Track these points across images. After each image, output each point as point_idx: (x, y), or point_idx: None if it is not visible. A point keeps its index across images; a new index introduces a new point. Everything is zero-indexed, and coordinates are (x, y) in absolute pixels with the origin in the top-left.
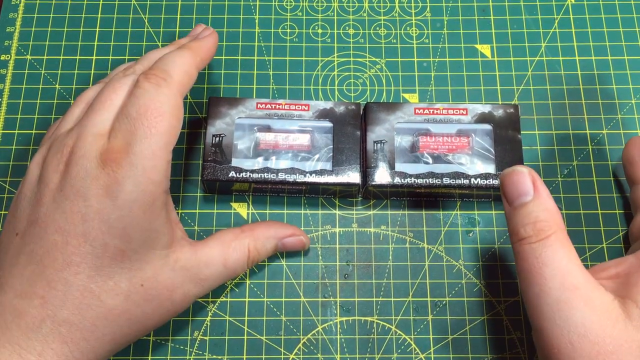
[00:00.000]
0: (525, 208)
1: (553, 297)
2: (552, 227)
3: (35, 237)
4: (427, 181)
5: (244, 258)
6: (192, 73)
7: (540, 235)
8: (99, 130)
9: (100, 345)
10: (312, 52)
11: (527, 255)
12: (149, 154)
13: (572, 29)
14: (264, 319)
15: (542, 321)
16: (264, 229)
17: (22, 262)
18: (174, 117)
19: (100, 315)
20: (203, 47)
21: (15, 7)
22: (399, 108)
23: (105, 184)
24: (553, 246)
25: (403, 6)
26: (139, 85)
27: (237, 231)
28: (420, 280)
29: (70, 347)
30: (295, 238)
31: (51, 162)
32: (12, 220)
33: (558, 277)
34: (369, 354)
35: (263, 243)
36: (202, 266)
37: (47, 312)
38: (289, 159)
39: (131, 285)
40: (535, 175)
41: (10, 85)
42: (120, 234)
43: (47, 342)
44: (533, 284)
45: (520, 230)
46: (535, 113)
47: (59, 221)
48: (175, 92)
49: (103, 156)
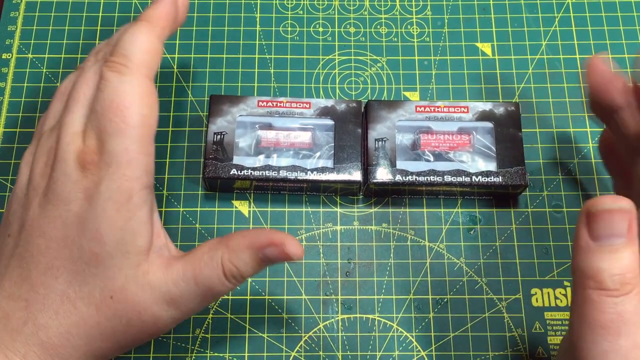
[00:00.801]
0: (615, 253)
1: (621, 355)
2: (637, 278)
3: (23, 240)
4: (428, 179)
5: (218, 273)
6: (155, 49)
7: (626, 289)
8: (75, 129)
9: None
10: (313, 51)
11: (606, 309)
12: (122, 150)
13: (573, 27)
14: (265, 317)
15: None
16: (238, 238)
17: (12, 264)
18: (143, 106)
19: (75, 323)
20: (160, 13)
21: (16, 5)
22: (400, 106)
23: (85, 187)
24: (635, 301)
25: (404, 4)
26: (102, 76)
27: (214, 242)
28: (422, 278)
29: (50, 351)
30: (276, 249)
31: (37, 165)
32: (6, 222)
33: (632, 335)
34: (370, 352)
35: (238, 255)
36: (170, 285)
37: (29, 315)
38: (290, 156)
39: (102, 295)
40: (635, 213)
41: (11, 83)
42: (95, 236)
43: (29, 344)
44: (605, 340)
45: (607, 281)
46: (536, 111)
47: (43, 226)
48: (140, 76)
49: (80, 158)
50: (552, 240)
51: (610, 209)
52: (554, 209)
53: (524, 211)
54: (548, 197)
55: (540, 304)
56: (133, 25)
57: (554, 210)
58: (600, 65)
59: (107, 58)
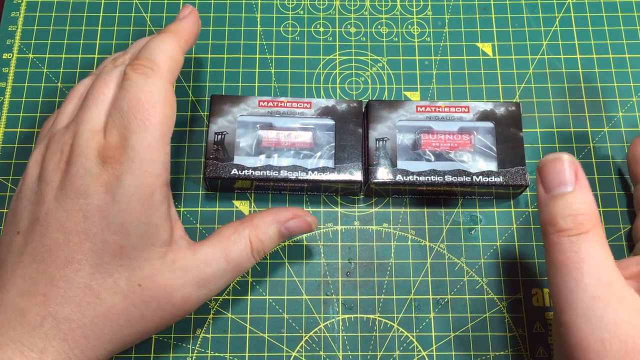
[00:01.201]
0: (565, 198)
1: (588, 293)
2: (592, 221)
3: (37, 235)
4: (429, 179)
5: (247, 249)
6: (178, 57)
7: (581, 229)
8: (95, 126)
9: (100, 344)
10: (314, 51)
11: (564, 248)
12: (145, 146)
13: (573, 27)
14: (266, 317)
15: (573, 317)
16: (263, 216)
17: (25, 260)
18: (166, 107)
19: (99, 313)
20: (185, 28)
21: (17, 5)
22: (400, 106)
23: (106, 181)
24: (592, 241)
25: (404, 4)
26: (127, 77)
27: (237, 223)
28: (422, 278)
29: (71, 344)
30: (299, 220)
31: (51, 161)
32: (12, 220)
33: (595, 272)
34: (371, 352)
35: (264, 230)
36: (202, 266)
37: (48, 309)
38: (291, 156)
39: (129, 284)
40: (578, 165)
41: (12, 83)
42: (119, 229)
43: (48, 339)
44: (569, 278)
45: (560, 222)
46: (536, 111)
47: (61, 219)
48: (165, 80)
49: (101, 153)
50: None
51: (552, 159)
52: None
53: (525, 211)
54: None
55: (540, 304)
56: (159, 35)
57: None
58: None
59: (133, 62)
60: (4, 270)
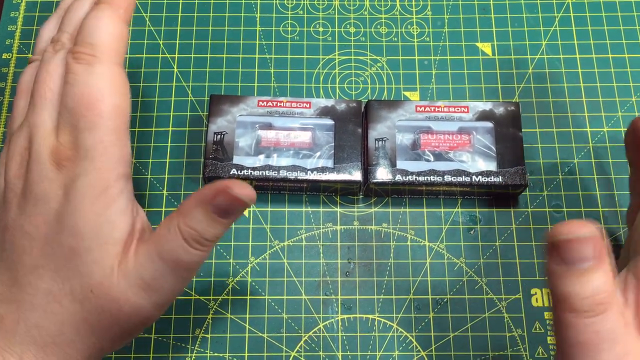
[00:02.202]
0: (583, 276)
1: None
2: (611, 295)
3: (7, 242)
4: (428, 179)
5: (179, 241)
6: (120, 32)
7: (600, 310)
8: (47, 127)
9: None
10: (313, 50)
11: (582, 330)
12: (97, 143)
13: (573, 27)
14: (265, 317)
15: None
16: (187, 200)
17: (1, 268)
18: (116, 96)
19: (64, 320)
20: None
21: (16, 5)
22: (400, 106)
23: (63, 184)
24: (612, 318)
25: (404, 4)
26: (69, 69)
27: (169, 216)
28: (422, 278)
29: (45, 350)
30: (224, 195)
31: (12, 167)
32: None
33: (613, 349)
34: (370, 352)
35: (191, 216)
36: (139, 269)
37: (21, 315)
38: (290, 156)
39: (83, 290)
40: (599, 236)
41: (11, 83)
42: (73, 232)
43: (23, 344)
44: (586, 357)
45: (578, 302)
46: (536, 111)
47: (24, 226)
48: (110, 65)
49: (55, 156)
50: None
51: (568, 239)
52: (554, 208)
53: (524, 211)
54: (548, 197)
55: (540, 304)
56: (94, 9)
57: (554, 210)
58: None
59: (73, 49)
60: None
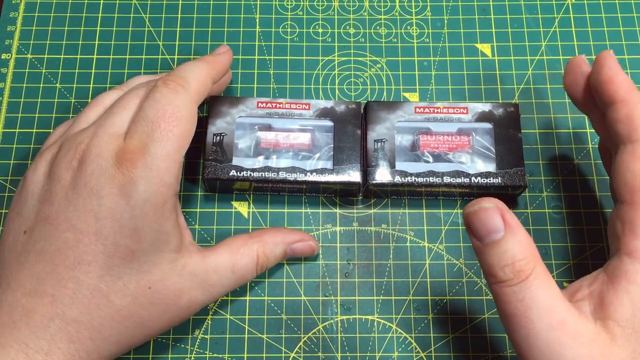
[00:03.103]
0: (498, 246)
1: (542, 339)
2: (530, 263)
3: (46, 234)
4: (427, 180)
5: (253, 264)
6: (207, 83)
7: (521, 277)
8: (116, 130)
9: (106, 346)
10: (313, 52)
11: (509, 299)
12: (164, 155)
13: (573, 28)
14: (264, 318)
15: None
16: (272, 235)
17: (32, 260)
18: (189, 122)
19: (107, 315)
20: (219, 61)
21: (16, 6)
22: (399, 107)
23: (120, 184)
24: (534, 285)
25: (403, 5)
26: (157, 89)
27: (246, 237)
28: (421, 279)
29: (77, 346)
30: (304, 243)
31: (63, 160)
32: (17, 218)
33: (544, 317)
34: (369, 353)
35: (272, 249)
36: (210, 272)
37: (56, 310)
38: (289, 157)
39: (139, 287)
40: (504, 207)
41: (10, 84)
42: (131, 234)
43: (54, 341)
44: (519, 327)
45: (499, 273)
46: (535, 112)
47: (72, 219)
48: (192, 98)
49: (119, 156)
50: (552, 241)
51: (474, 210)
52: (553, 210)
53: (524, 212)
54: (547, 198)
55: None
56: (195, 61)
57: (554, 211)
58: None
59: (165, 78)
60: (8, 269)
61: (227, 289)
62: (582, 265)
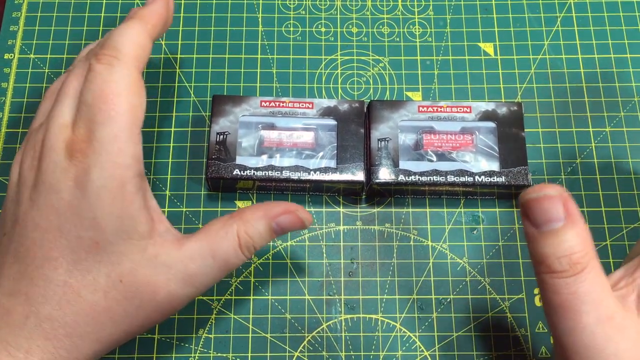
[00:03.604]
0: (556, 236)
1: (588, 332)
2: (587, 256)
3: (17, 236)
4: (431, 179)
5: (235, 245)
6: (145, 44)
7: (577, 269)
8: (64, 120)
9: (85, 343)
10: (316, 51)
11: (560, 290)
12: (112, 137)
13: (575, 27)
14: (268, 317)
15: (573, 354)
16: (253, 210)
17: (9, 261)
18: (133, 95)
19: (80, 311)
20: (153, 11)
21: (18, 6)
22: (402, 106)
23: (75, 175)
24: (589, 279)
25: (406, 5)
26: (91, 68)
27: (225, 218)
28: (425, 278)
29: (55, 344)
30: (291, 215)
31: (26, 160)
32: (0, 222)
33: (593, 311)
34: (373, 352)
35: (254, 226)
36: (186, 261)
37: (30, 308)
38: (293, 156)
39: (109, 280)
40: (567, 196)
41: (13, 84)
42: (92, 225)
43: (32, 338)
44: (567, 319)
45: (553, 263)
46: (538, 111)
47: (36, 218)
48: (130, 67)
49: (69, 147)
50: None
51: (537, 197)
52: None
53: None
54: None
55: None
56: (125, 22)
57: None
58: None
59: (97, 51)
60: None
61: (212, 278)
62: None
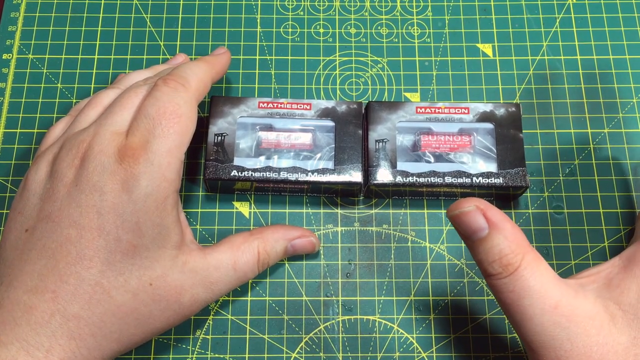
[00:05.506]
0: (485, 243)
1: (536, 323)
2: (518, 255)
3: (48, 231)
4: (428, 180)
5: (254, 260)
6: (207, 82)
7: (509, 270)
8: (118, 128)
9: (107, 343)
10: (314, 52)
11: (502, 290)
12: (165, 152)
13: (574, 28)
14: (266, 318)
15: (531, 345)
16: (272, 231)
17: (33, 257)
18: (189, 120)
19: (108, 311)
20: (219, 61)
21: (17, 6)
22: (400, 107)
23: (122, 179)
24: (524, 276)
25: (404, 5)
26: (157, 88)
27: (247, 234)
28: (422, 279)
29: (78, 342)
30: (305, 239)
31: (65, 158)
32: (19, 217)
33: (536, 304)
34: (371, 353)
35: (272, 245)
36: (211, 269)
37: (57, 306)
38: (290, 158)
39: (140, 283)
40: (485, 205)
41: (12, 84)
42: (133, 229)
43: (55, 337)
44: (515, 315)
45: (488, 268)
46: (536, 112)
47: (74, 215)
48: (192, 97)
49: (121, 152)
50: (553, 242)
51: (457, 214)
52: (554, 210)
53: (525, 212)
54: (549, 198)
55: None
56: (195, 61)
57: (555, 211)
58: None
59: (165, 77)
60: (10, 268)
61: (229, 287)
62: (583, 266)
